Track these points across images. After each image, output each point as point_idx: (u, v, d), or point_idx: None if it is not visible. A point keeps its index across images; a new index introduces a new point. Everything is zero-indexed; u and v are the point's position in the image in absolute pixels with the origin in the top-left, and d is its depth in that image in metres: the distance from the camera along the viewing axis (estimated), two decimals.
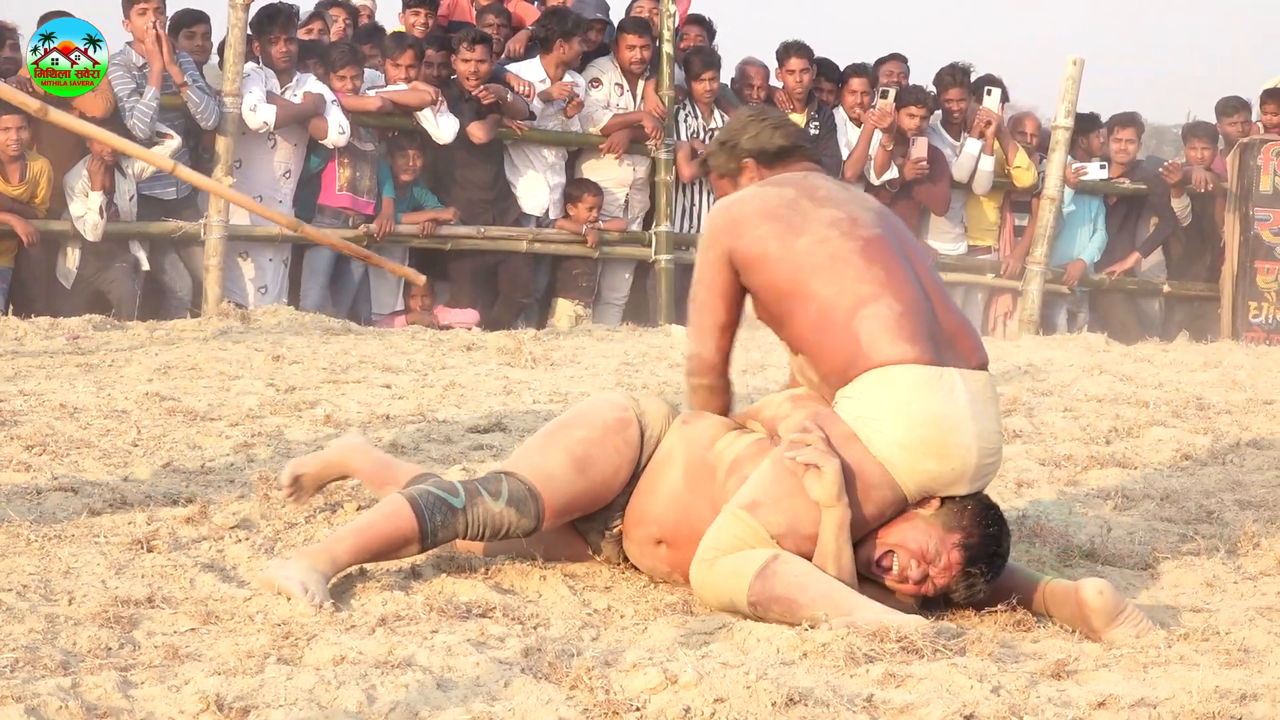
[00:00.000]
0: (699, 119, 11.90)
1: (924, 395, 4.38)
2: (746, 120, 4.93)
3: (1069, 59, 12.38)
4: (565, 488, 4.59)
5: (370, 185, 10.94)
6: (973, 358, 4.53)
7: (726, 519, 4.41)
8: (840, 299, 4.45)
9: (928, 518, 4.41)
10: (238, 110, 10.45)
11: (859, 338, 4.42)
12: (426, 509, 4.45)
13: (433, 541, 4.48)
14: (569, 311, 11.55)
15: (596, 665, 3.69)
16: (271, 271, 10.87)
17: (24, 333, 8.58)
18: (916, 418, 4.36)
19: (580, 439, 4.65)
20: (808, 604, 4.16)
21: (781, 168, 4.84)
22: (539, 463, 4.61)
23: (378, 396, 7.33)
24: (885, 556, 4.40)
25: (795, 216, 4.58)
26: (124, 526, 4.84)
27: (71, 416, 6.45)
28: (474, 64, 11.05)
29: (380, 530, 4.44)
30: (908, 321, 4.43)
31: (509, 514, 4.51)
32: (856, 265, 4.48)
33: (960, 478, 4.41)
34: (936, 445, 4.36)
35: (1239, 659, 4.06)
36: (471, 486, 4.53)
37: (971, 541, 4.38)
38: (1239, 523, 5.58)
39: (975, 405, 4.43)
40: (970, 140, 12.27)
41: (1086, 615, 4.30)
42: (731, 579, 4.31)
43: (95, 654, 3.77)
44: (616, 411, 4.71)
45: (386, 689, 3.49)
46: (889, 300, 4.45)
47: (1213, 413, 7.93)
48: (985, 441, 4.44)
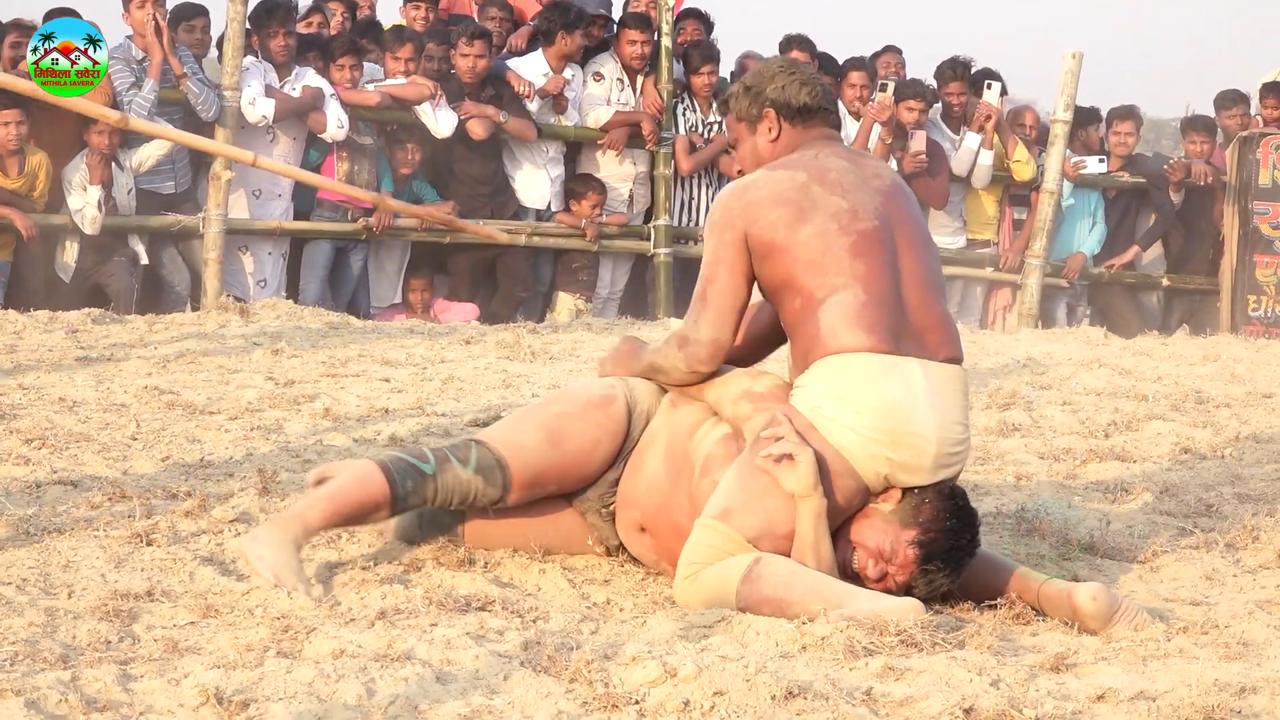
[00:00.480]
0: (697, 113, 11.90)
1: (877, 382, 4.37)
2: (776, 70, 4.82)
3: (1067, 52, 12.39)
4: (535, 460, 4.62)
5: (369, 179, 10.94)
6: (940, 351, 4.50)
7: (700, 532, 4.39)
8: (816, 291, 4.45)
9: (885, 514, 4.39)
10: (237, 104, 10.44)
11: (820, 325, 4.43)
12: (398, 474, 4.49)
13: (403, 506, 4.53)
14: (569, 305, 11.55)
15: (596, 658, 3.69)
16: (270, 265, 10.88)
17: (23, 326, 8.58)
18: (870, 405, 4.35)
19: (558, 414, 4.68)
20: (797, 601, 4.16)
21: (802, 126, 4.75)
22: (510, 434, 4.66)
23: (377, 390, 7.33)
24: (848, 551, 4.40)
25: (805, 202, 4.53)
26: (123, 520, 4.84)
27: (71, 410, 6.45)
28: (473, 59, 11.05)
29: (351, 496, 4.47)
30: (869, 311, 4.42)
31: (476, 481, 4.56)
32: (840, 259, 4.46)
33: (918, 467, 4.39)
34: (890, 433, 4.35)
35: (1238, 652, 4.06)
36: (441, 453, 4.57)
37: (927, 538, 4.35)
38: (1238, 516, 5.58)
39: (935, 395, 4.41)
40: (970, 134, 12.27)
41: (1081, 620, 4.30)
42: (717, 588, 4.30)
43: (95, 647, 3.77)
44: (601, 389, 4.73)
45: (386, 682, 3.49)
46: (856, 290, 4.43)
47: (1212, 406, 7.93)
48: (946, 432, 4.41)
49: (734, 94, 4.87)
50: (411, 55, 11.00)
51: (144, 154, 10.29)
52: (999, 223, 12.76)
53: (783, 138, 4.77)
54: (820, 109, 4.78)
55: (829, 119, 4.82)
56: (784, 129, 4.76)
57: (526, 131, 11.21)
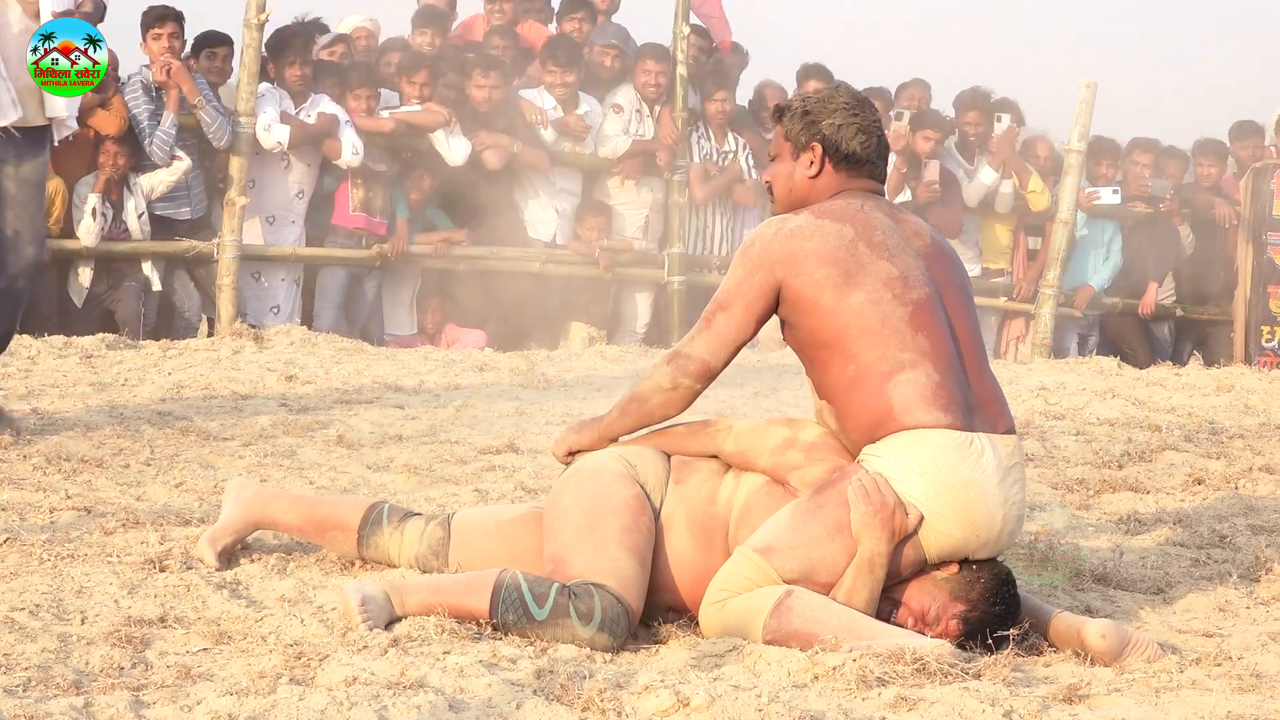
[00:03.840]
0: (711, 141, 11.92)
1: (954, 460, 4.33)
2: (840, 105, 4.65)
3: (1082, 83, 12.40)
4: (641, 589, 4.38)
5: (384, 205, 10.96)
6: (1000, 424, 4.48)
7: (738, 560, 4.36)
8: (880, 364, 4.37)
9: (938, 580, 4.36)
10: (252, 130, 10.47)
11: (892, 401, 4.35)
12: (503, 603, 4.25)
13: (503, 629, 4.27)
14: (582, 334, 11.55)
15: (608, 687, 3.68)
16: (284, 291, 10.89)
17: (37, 351, 8.60)
18: (946, 482, 4.31)
19: (622, 528, 4.42)
20: (826, 637, 4.10)
21: (846, 173, 4.62)
22: (614, 568, 4.34)
23: (390, 417, 7.34)
24: (889, 607, 4.36)
25: (852, 264, 4.42)
26: (137, 546, 4.84)
27: (85, 435, 6.46)
28: (488, 90, 11.08)
29: (453, 599, 4.29)
30: (944, 391, 4.37)
31: (600, 639, 4.22)
32: (902, 332, 4.39)
33: (983, 546, 4.37)
34: (962, 512, 4.31)
35: (1251, 684, 4.05)
36: (561, 602, 4.23)
37: (974, 615, 4.31)
38: (1252, 548, 5.57)
39: (1002, 472, 4.39)
40: (985, 169, 12.27)
41: (1091, 657, 4.29)
42: (745, 617, 4.26)
43: (107, 673, 3.78)
44: (630, 487, 4.51)
45: (399, 710, 3.49)
46: (928, 369, 4.37)
47: (1225, 437, 7.92)
48: (1010, 510, 4.39)
49: (791, 109, 4.71)
50: (426, 81, 11.03)
51: (155, 179, 10.31)
52: (1013, 252, 12.76)
53: (823, 178, 4.64)
54: (869, 161, 4.66)
55: (876, 172, 4.69)
56: (826, 169, 4.64)
57: (540, 161, 11.24)
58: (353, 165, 10.74)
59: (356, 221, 10.90)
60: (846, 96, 4.70)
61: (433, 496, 5.82)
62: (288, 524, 4.88)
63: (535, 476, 6.17)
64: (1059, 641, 4.40)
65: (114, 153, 10.08)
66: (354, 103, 10.84)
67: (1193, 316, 13.13)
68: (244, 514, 4.86)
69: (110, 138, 10.07)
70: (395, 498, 5.73)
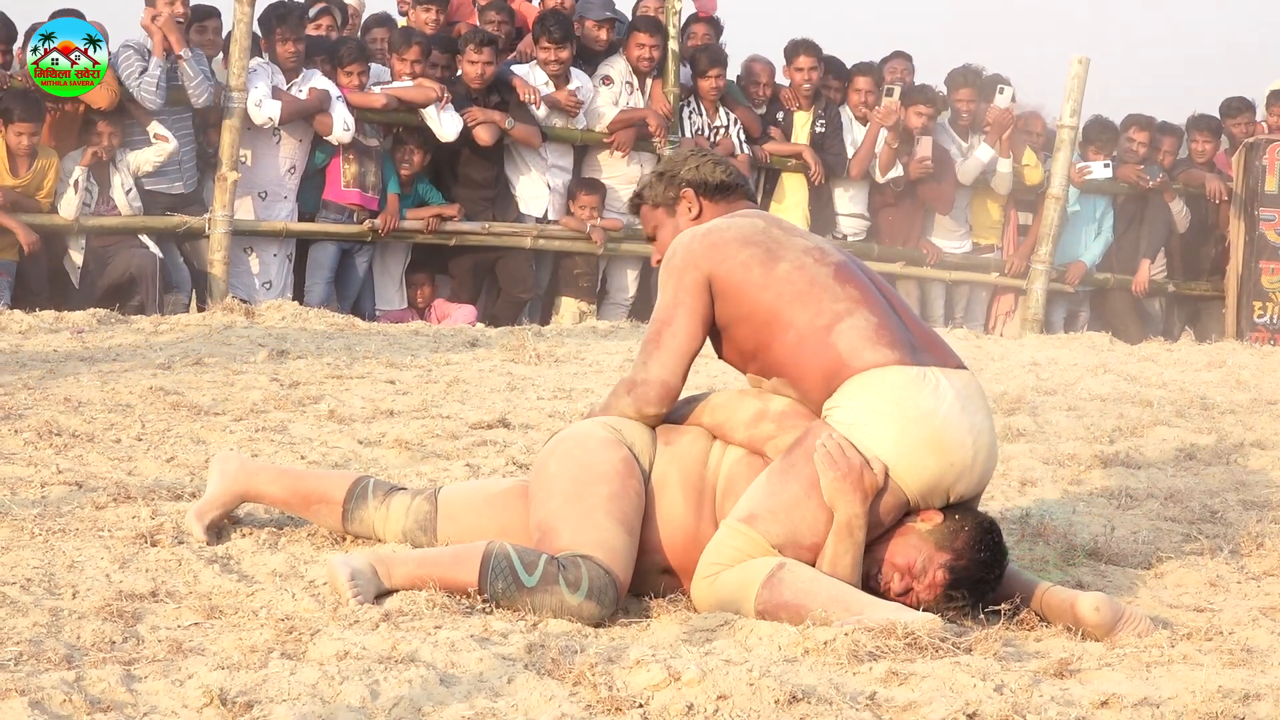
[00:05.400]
0: (704, 116, 11.90)
1: (912, 394, 4.38)
2: (687, 154, 4.92)
3: (1074, 58, 12.39)
4: (629, 558, 4.39)
5: (376, 181, 10.95)
6: (949, 360, 4.55)
7: (725, 532, 4.38)
8: (817, 319, 4.48)
9: (922, 533, 4.38)
10: (243, 105, 10.45)
11: (839, 349, 4.44)
12: (492, 571, 4.26)
13: (493, 602, 4.28)
14: (573, 309, 11.55)
15: (600, 662, 3.69)
16: (276, 267, 10.88)
17: (28, 327, 8.58)
18: (908, 415, 4.36)
19: (610, 495, 4.43)
20: (817, 609, 4.14)
21: (723, 202, 4.83)
22: (601, 538, 4.35)
23: (382, 392, 7.33)
24: (874, 567, 4.38)
25: (771, 242, 4.60)
26: (128, 520, 4.85)
27: (76, 410, 6.45)
28: (480, 66, 11.05)
29: (441, 570, 4.31)
30: (885, 331, 4.47)
31: (588, 607, 4.23)
32: (831, 288, 4.52)
33: (963, 473, 4.40)
34: (932, 442, 4.35)
35: (1242, 659, 4.06)
36: (550, 570, 4.24)
37: (960, 564, 4.34)
38: (1243, 523, 5.58)
39: (963, 401, 4.43)
40: (982, 146, 12.26)
41: (1084, 630, 4.30)
42: (737, 590, 4.28)
43: (99, 647, 3.78)
44: (617, 451, 4.52)
45: (390, 684, 3.49)
46: (864, 314, 4.48)
47: (1217, 413, 7.93)
48: (980, 436, 4.43)
49: (647, 184, 4.93)
50: (418, 57, 11.00)
51: (142, 158, 10.29)
52: (1003, 227, 12.76)
53: (704, 214, 4.83)
54: (737, 185, 4.87)
55: (747, 192, 4.92)
56: (704, 206, 4.83)
57: (532, 138, 11.22)
58: (344, 141, 10.73)
59: (350, 197, 10.89)
60: (688, 149, 5.02)
61: (424, 471, 5.82)
62: (272, 497, 4.89)
63: (526, 451, 6.17)
64: (1051, 615, 4.41)
65: (105, 132, 10.07)
66: (345, 78, 10.82)
67: (1185, 292, 13.15)
68: (229, 487, 4.87)
69: (101, 112, 10.04)
70: (386, 473, 5.73)
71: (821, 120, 12.10)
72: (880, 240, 12.32)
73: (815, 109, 12.12)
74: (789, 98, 12.18)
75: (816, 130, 12.07)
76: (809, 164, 11.92)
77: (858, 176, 12.12)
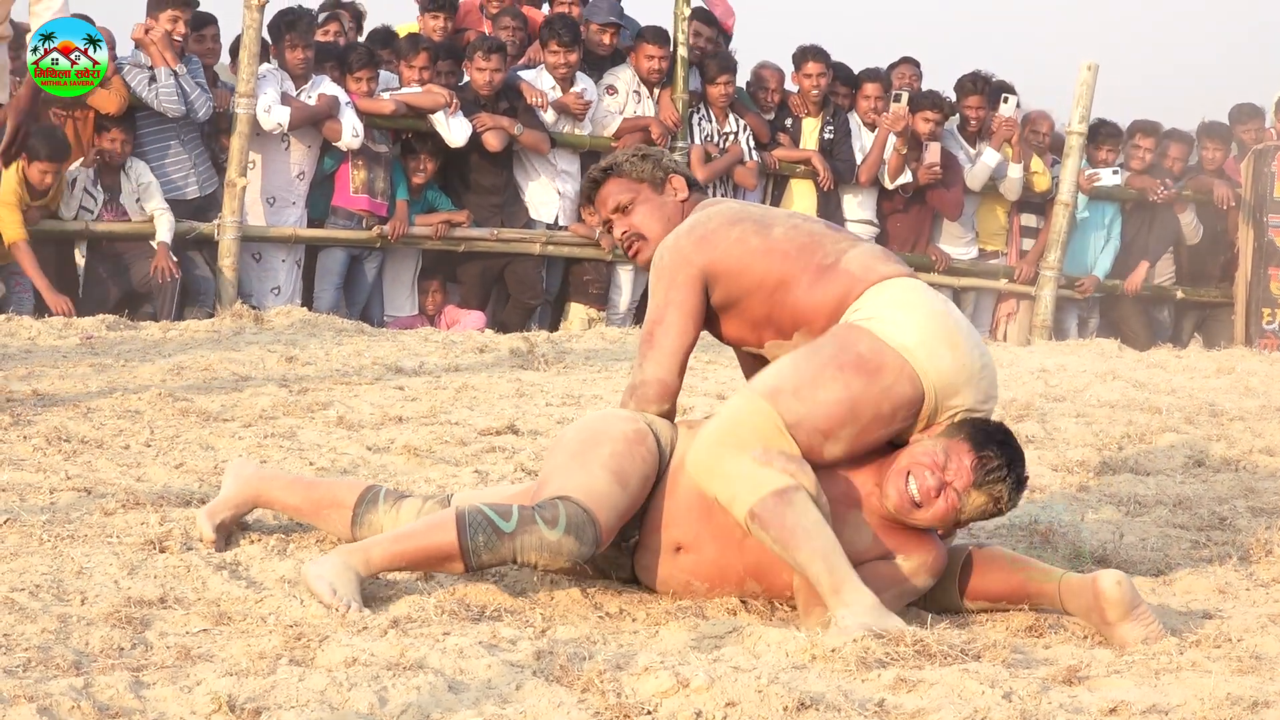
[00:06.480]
0: (713, 122, 11.90)
1: (927, 296, 4.59)
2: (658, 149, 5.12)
3: (1083, 64, 12.38)
4: (614, 505, 4.42)
5: (385, 187, 10.96)
6: None
7: (743, 401, 4.45)
8: (825, 259, 4.63)
9: (936, 434, 4.47)
10: (252, 111, 10.45)
11: (852, 270, 4.61)
12: (470, 526, 4.31)
13: (476, 561, 4.32)
14: (582, 315, 11.54)
15: (608, 668, 3.69)
16: (285, 273, 10.88)
17: (38, 332, 8.59)
18: (924, 310, 4.53)
19: (611, 453, 4.48)
20: (802, 552, 4.22)
21: (697, 196, 4.97)
22: (586, 483, 4.41)
23: (390, 398, 7.34)
24: (902, 481, 4.41)
25: (757, 215, 4.76)
26: (137, 527, 4.85)
27: (85, 416, 6.46)
28: (489, 73, 11.05)
29: (418, 540, 4.35)
30: (890, 254, 4.74)
31: (566, 543, 4.30)
32: (829, 234, 4.74)
33: (970, 379, 4.49)
34: (948, 336, 4.49)
35: (1251, 666, 4.06)
36: (526, 512, 4.33)
37: (981, 440, 4.42)
38: (1251, 529, 5.58)
39: (963, 319, 4.64)
40: (988, 151, 12.26)
41: (1102, 606, 4.30)
42: (745, 482, 4.31)
43: (107, 654, 3.78)
44: (632, 423, 4.58)
45: (398, 691, 3.49)
46: (867, 245, 4.75)
47: (1225, 419, 7.92)
48: (984, 352, 4.58)
49: (630, 160, 4.97)
50: (426, 63, 11.01)
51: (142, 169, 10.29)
52: (1008, 232, 12.75)
53: (689, 202, 4.94)
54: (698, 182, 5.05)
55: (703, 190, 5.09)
56: (689, 194, 4.96)
57: (541, 144, 11.22)
58: (353, 147, 10.73)
59: (359, 203, 10.89)
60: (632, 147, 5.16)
61: (432, 477, 5.83)
62: (284, 503, 4.91)
63: (535, 458, 6.17)
64: (1068, 599, 4.42)
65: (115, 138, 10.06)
66: (354, 84, 10.83)
67: (1193, 299, 13.14)
68: (242, 490, 4.90)
69: (110, 118, 10.05)
70: (395, 479, 5.74)
71: (830, 126, 12.09)
72: (888, 246, 12.29)
73: (824, 115, 12.11)
74: (798, 104, 12.17)
75: (825, 136, 12.07)
76: (818, 170, 11.92)
77: (866, 182, 12.12)
